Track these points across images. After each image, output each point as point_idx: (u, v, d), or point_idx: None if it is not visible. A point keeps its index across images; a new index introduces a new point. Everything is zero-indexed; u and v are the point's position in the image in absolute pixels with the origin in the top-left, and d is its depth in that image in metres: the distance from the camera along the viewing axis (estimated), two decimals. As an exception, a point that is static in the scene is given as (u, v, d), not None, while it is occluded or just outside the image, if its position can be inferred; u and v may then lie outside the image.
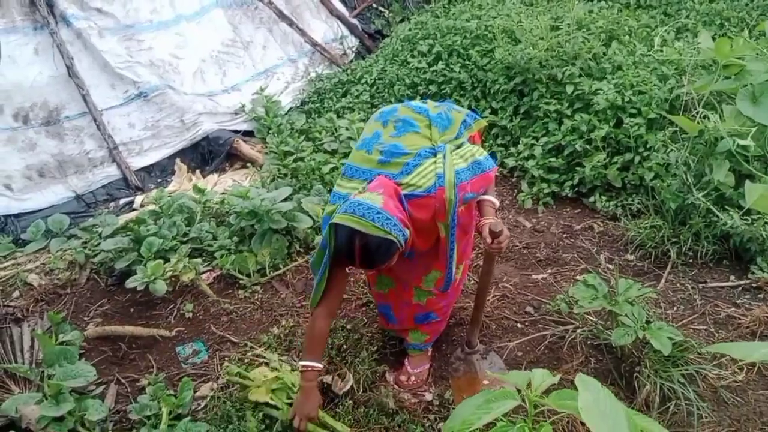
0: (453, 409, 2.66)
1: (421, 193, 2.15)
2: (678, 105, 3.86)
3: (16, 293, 3.71)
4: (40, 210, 4.60)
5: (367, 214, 1.98)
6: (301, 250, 3.87)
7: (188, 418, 2.59)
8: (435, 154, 2.21)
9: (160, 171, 5.18)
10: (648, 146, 3.92)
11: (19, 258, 4.13)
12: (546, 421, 1.31)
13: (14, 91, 4.66)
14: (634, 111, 4.06)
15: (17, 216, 4.54)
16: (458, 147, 2.32)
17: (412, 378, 2.84)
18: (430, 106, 2.42)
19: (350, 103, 5.70)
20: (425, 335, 2.81)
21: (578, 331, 2.93)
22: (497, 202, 2.47)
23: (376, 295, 2.84)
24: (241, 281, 3.63)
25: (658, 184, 3.67)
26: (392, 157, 2.21)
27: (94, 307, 3.60)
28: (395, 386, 2.81)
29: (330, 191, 4.20)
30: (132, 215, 4.35)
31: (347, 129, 4.97)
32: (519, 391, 1.14)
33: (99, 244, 3.84)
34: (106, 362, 3.15)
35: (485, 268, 2.50)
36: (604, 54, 4.64)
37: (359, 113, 5.31)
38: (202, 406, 2.79)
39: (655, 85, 4.12)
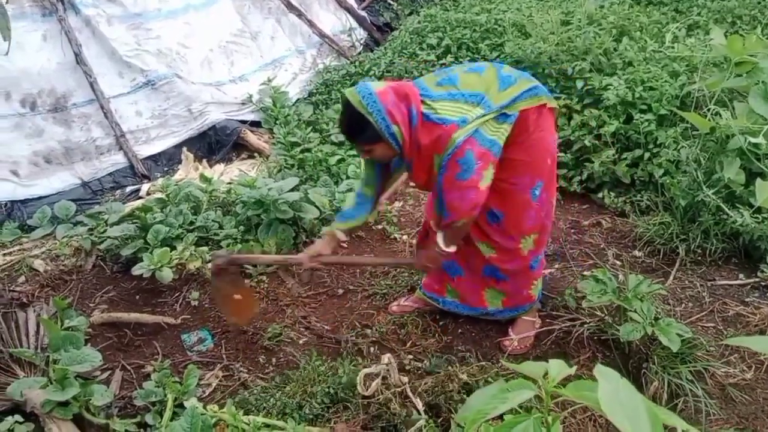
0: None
1: (435, 119, 2.30)
2: (689, 102, 3.83)
3: (22, 278, 3.70)
4: (46, 196, 4.59)
5: (360, 91, 2.27)
6: (308, 240, 3.86)
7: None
8: (479, 104, 2.30)
9: (167, 160, 5.17)
10: (658, 143, 3.90)
11: (25, 243, 4.13)
12: (559, 412, 1.30)
13: (22, 77, 4.65)
14: (644, 107, 4.04)
15: (23, 202, 4.53)
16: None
17: (515, 342, 2.89)
18: (506, 67, 2.52)
19: (358, 95, 5.67)
20: (501, 294, 2.83)
21: (585, 326, 2.91)
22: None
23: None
24: (247, 270, 3.62)
25: (668, 181, 3.64)
26: (445, 83, 2.41)
27: (99, 293, 3.59)
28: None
29: (337, 183, 4.21)
30: (138, 203, 4.34)
31: (355, 121, 4.95)
32: (535, 381, 1.13)
33: (105, 231, 3.83)
34: (111, 348, 3.15)
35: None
36: (615, 50, 4.61)
37: (367, 105, 5.28)
38: (207, 393, 2.79)
39: (666, 81, 4.08)
